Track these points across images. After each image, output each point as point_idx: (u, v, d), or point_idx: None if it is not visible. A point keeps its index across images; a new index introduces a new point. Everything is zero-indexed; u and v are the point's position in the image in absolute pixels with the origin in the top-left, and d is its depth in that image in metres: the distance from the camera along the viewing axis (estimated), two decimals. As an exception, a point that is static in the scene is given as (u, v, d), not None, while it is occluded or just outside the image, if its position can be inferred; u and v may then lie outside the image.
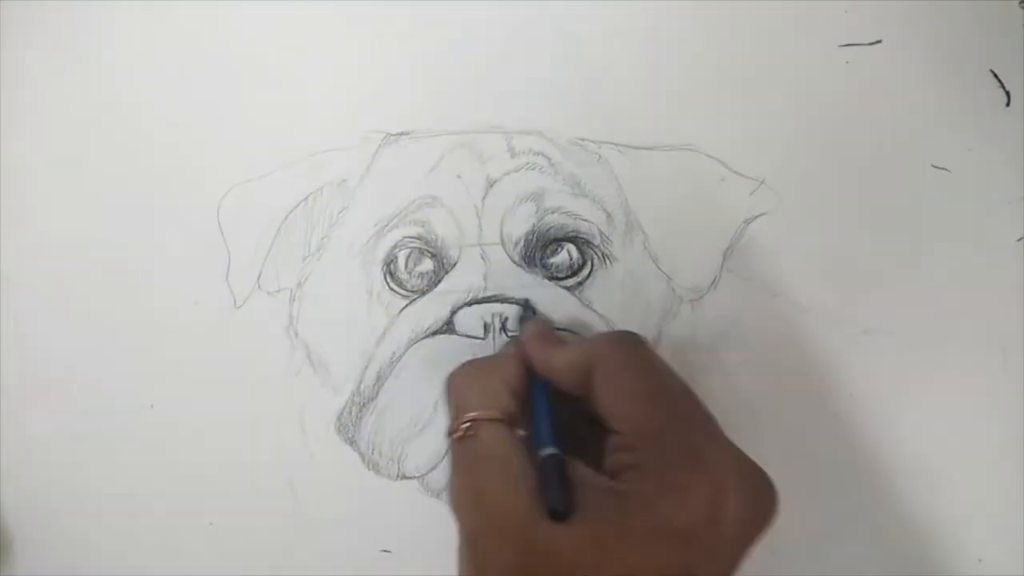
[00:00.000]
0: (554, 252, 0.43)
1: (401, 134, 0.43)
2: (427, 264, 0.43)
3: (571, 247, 0.43)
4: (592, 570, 0.31)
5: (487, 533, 0.33)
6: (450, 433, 0.36)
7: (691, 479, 0.32)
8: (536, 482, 0.33)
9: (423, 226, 0.43)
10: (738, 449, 0.34)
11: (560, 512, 0.32)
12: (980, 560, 0.42)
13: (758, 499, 0.33)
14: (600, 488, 0.33)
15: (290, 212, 0.43)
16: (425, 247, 0.43)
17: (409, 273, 0.43)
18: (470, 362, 0.39)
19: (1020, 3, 0.43)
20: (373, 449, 0.42)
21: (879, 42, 0.43)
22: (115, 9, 0.44)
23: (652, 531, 0.31)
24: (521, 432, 0.36)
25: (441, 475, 0.42)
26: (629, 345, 0.37)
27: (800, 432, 0.43)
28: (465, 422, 0.36)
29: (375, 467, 0.42)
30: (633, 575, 0.31)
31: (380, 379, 0.42)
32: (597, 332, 0.41)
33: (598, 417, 0.36)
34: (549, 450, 0.35)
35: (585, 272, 0.43)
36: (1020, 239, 0.43)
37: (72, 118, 0.44)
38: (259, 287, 0.43)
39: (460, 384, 0.38)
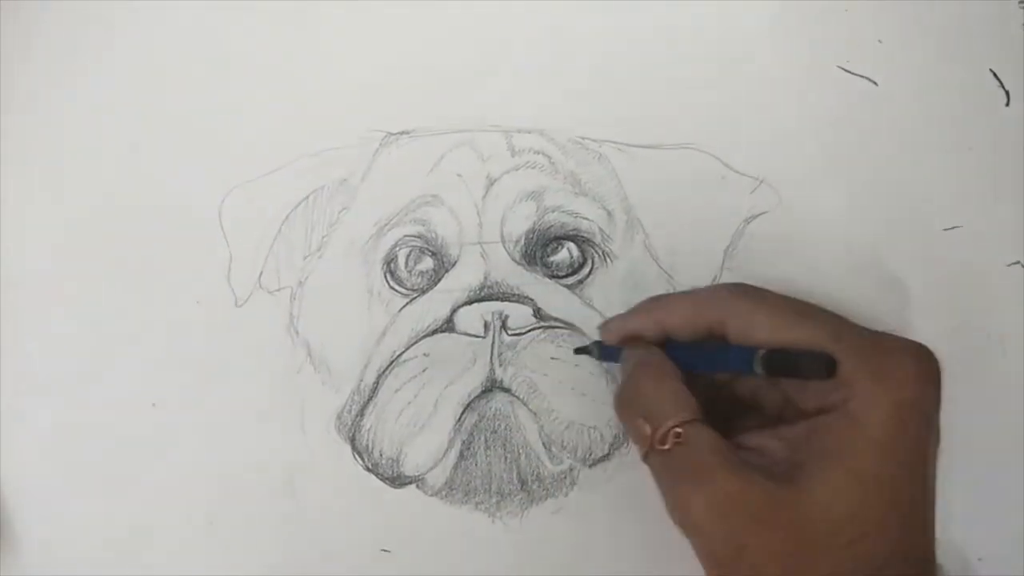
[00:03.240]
0: (554, 250, 0.43)
1: (401, 133, 0.43)
2: (427, 262, 0.43)
3: (571, 245, 0.43)
4: (849, 489, 0.32)
5: (749, 534, 0.32)
6: (650, 449, 0.34)
7: (899, 358, 0.33)
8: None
9: (423, 225, 0.43)
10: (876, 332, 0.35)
11: (831, 363, 0.33)
12: (980, 559, 0.42)
13: (932, 355, 0.35)
14: (811, 428, 0.34)
15: (291, 211, 0.43)
16: (425, 245, 0.43)
17: (409, 272, 0.43)
18: (633, 374, 0.37)
19: (1020, 2, 0.43)
20: (373, 448, 0.42)
21: (879, 42, 0.43)
22: (116, 8, 0.44)
23: (885, 418, 0.32)
24: None
25: (440, 474, 0.42)
26: (749, 290, 0.37)
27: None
28: (669, 431, 0.34)
29: (375, 466, 0.42)
30: (881, 472, 0.32)
31: (380, 378, 0.42)
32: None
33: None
34: (761, 351, 0.34)
35: (585, 270, 0.43)
36: (1020, 236, 0.43)
37: (73, 117, 0.44)
38: (260, 286, 0.43)
39: (641, 394, 0.36)
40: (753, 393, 0.38)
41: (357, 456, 0.43)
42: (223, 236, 0.43)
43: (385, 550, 0.43)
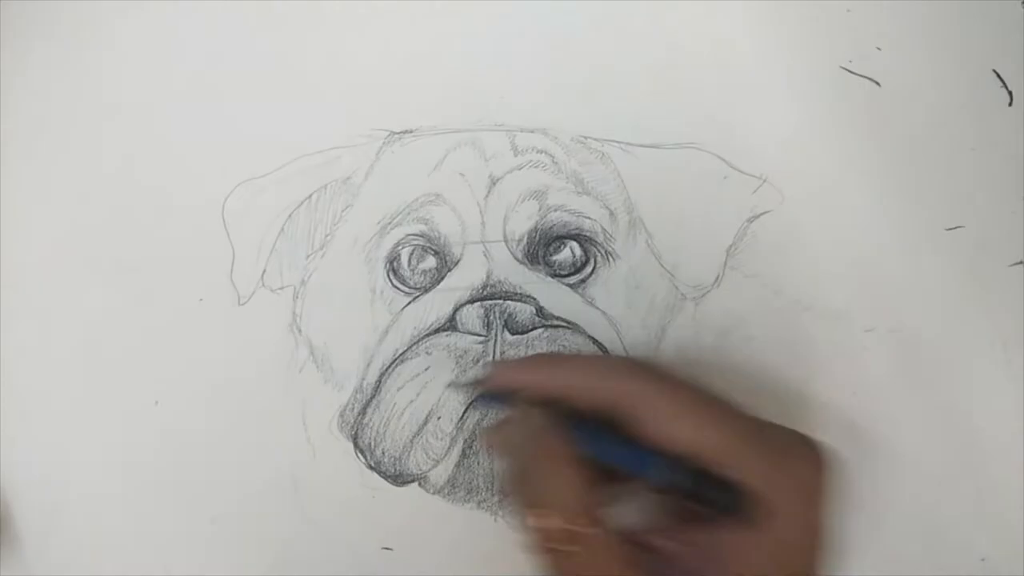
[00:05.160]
0: (557, 250, 0.43)
1: (405, 132, 0.44)
2: (430, 261, 0.43)
3: (574, 244, 0.43)
4: None
5: None
6: (548, 548, 0.31)
7: (808, 475, 0.33)
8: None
9: (426, 223, 0.43)
10: (781, 426, 0.35)
11: (735, 505, 0.31)
12: (983, 560, 0.42)
13: (820, 461, 0.34)
14: (727, 543, 0.32)
15: (294, 210, 0.44)
16: (428, 244, 0.43)
17: (412, 270, 0.43)
18: (531, 458, 0.33)
19: (1023, 3, 0.43)
20: (375, 446, 0.42)
21: (881, 41, 0.43)
22: (118, 8, 0.44)
23: (813, 543, 0.32)
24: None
25: (442, 472, 0.42)
26: (652, 367, 0.35)
27: (801, 430, 0.42)
28: (568, 530, 0.31)
29: (377, 464, 0.42)
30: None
31: (382, 376, 0.42)
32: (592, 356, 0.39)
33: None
34: (663, 471, 0.32)
35: (588, 270, 0.43)
36: (1022, 237, 0.43)
37: (76, 116, 0.44)
38: (263, 284, 0.43)
39: (537, 483, 0.32)
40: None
41: (359, 454, 0.43)
42: (226, 234, 0.43)
43: (387, 548, 0.43)
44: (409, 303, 0.43)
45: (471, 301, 0.42)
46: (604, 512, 0.32)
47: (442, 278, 0.43)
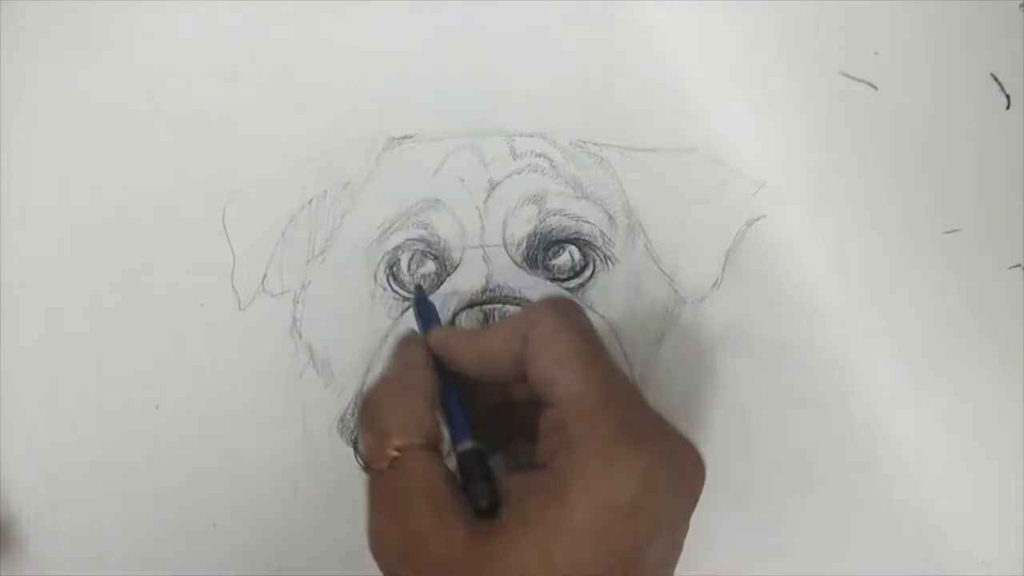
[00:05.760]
0: (556, 254, 0.43)
1: (404, 137, 0.44)
2: (430, 266, 0.43)
3: (573, 249, 0.43)
4: (540, 570, 0.30)
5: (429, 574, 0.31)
6: (370, 465, 0.33)
7: (627, 454, 0.30)
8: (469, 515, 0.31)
9: (426, 228, 0.43)
10: (665, 421, 0.33)
11: (487, 507, 0.31)
12: (983, 562, 0.42)
13: (689, 470, 0.32)
14: (532, 484, 0.31)
15: (294, 215, 0.44)
16: (428, 249, 0.43)
17: (412, 275, 0.43)
18: (383, 379, 0.36)
19: (1021, 5, 0.43)
20: (375, 450, 0.42)
21: (879, 46, 0.43)
22: (118, 10, 0.44)
23: (592, 514, 0.30)
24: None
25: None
26: (566, 309, 0.35)
27: (801, 433, 0.42)
28: (389, 452, 0.32)
29: (377, 468, 0.42)
30: (581, 563, 0.30)
31: (383, 381, 0.43)
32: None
33: (521, 414, 0.35)
34: (468, 444, 0.33)
35: (587, 274, 0.43)
36: (1021, 240, 0.43)
37: (76, 119, 0.44)
38: (263, 289, 0.43)
39: (377, 405, 0.34)
40: (530, 412, 0.35)
41: (360, 459, 0.43)
42: (226, 239, 0.44)
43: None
44: (409, 308, 0.43)
45: (471, 305, 0.42)
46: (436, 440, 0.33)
47: (442, 282, 0.43)
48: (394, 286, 0.43)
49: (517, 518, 0.31)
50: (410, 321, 0.42)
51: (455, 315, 0.42)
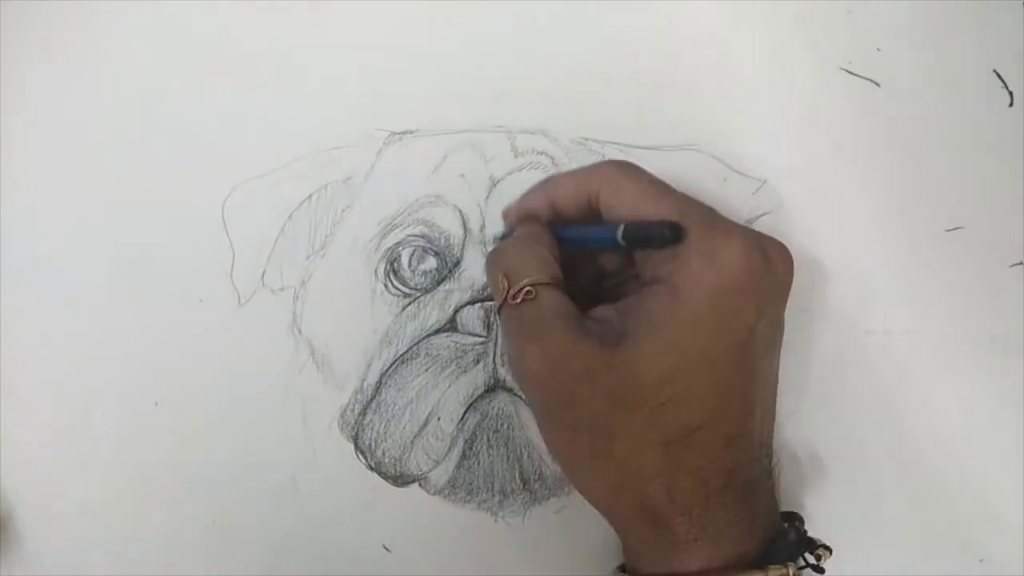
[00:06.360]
0: (557, 251, 0.43)
1: (405, 133, 0.43)
2: (430, 262, 0.43)
3: (574, 246, 0.43)
4: (671, 360, 0.34)
5: (574, 388, 0.35)
6: (504, 300, 0.37)
7: (723, 243, 0.35)
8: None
9: (427, 224, 0.43)
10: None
11: (672, 235, 0.34)
12: (981, 560, 0.42)
13: (779, 256, 0.36)
14: (646, 295, 0.36)
15: (294, 210, 0.43)
16: (428, 245, 0.43)
17: (412, 271, 0.43)
18: (510, 239, 0.40)
19: (1023, 2, 0.43)
20: (375, 447, 0.43)
21: (881, 42, 0.43)
22: (118, 8, 0.44)
23: (706, 299, 0.34)
24: None
25: (443, 473, 0.42)
26: (626, 165, 0.38)
27: (802, 431, 0.43)
28: (523, 288, 0.36)
29: (377, 465, 0.43)
30: (704, 346, 0.34)
31: (383, 377, 0.43)
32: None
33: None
34: (618, 228, 0.36)
35: (588, 271, 0.43)
36: (1023, 237, 0.43)
37: (76, 116, 0.44)
38: (263, 285, 0.43)
39: (508, 254, 0.38)
40: (619, 271, 0.40)
41: (360, 455, 0.43)
42: (226, 234, 0.43)
43: (387, 549, 0.43)
44: (409, 304, 0.43)
45: (471, 302, 0.42)
46: (563, 284, 0.37)
47: (443, 279, 0.43)
48: (395, 282, 0.43)
49: (642, 323, 0.35)
50: (411, 316, 0.42)
51: (456, 311, 0.42)
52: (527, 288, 0.36)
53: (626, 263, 0.40)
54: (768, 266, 0.35)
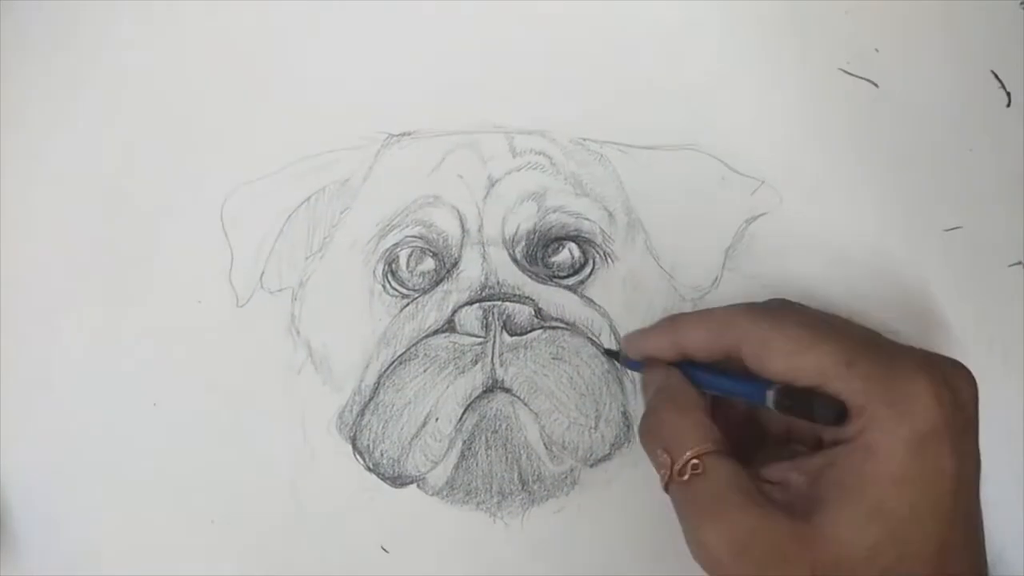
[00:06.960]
0: (555, 251, 0.43)
1: (403, 134, 0.44)
2: (428, 263, 0.43)
3: (572, 246, 0.43)
4: (875, 526, 0.31)
5: (767, 571, 0.31)
6: (670, 480, 0.34)
7: (908, 389, 0.32)
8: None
9: (425, 225, 0.43)
10: (920, 349, 0.34)
11: (835, 417, 0.32)
12: (982, 560, 0.42)
13: (962, 383, 0.33)
14: (831, 457, 0.32)
15: (293, 212, 0.44)
16: (427, 246, 0.43)
17: (411, 272, 0.43)
18: (652, 406, 0.37)
19: (1021, 4, 0.43)
20: (374, 447, 0.42)
21: (879, 43, 0.43)
22: (118, 8, 0.44)
23: (903, 454, 0.31)
24: None
25: (441, 474, 0.42)
26: (766, 310, 0.36)
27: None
28: (688, 462, 0.33)
29: (376, 465, 0.42)
30: (911, 503, 0.31)
31: (381, 378, 0.42)
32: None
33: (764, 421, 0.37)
34: (774, 388, 0.33)
35: (587, 271, 0.43)
36: (1021, 237, 0.43)
37: (75, 116, 0.44)
38: (261, 286, 0.43)
39: (664, 424, 0.35)
40: (778, 419, 0.37)
41: (358, 456, 0.43)
42: (225, 236, 0.44)
43: (385, 549, 0.43)
44: (408, 304, 0.43)
45: (470, 302, 0.42)
46: (726, 445, 0.34)
47: (441, 280, 0.43)
48: (393, 283, 0.43)
49: (834, 487, 0.32)
50: (410, 317, 0.42)
51: (454, 312, 0.42)
52: (693, 461, 0.33)
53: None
54: (956, 397, 0.32)
